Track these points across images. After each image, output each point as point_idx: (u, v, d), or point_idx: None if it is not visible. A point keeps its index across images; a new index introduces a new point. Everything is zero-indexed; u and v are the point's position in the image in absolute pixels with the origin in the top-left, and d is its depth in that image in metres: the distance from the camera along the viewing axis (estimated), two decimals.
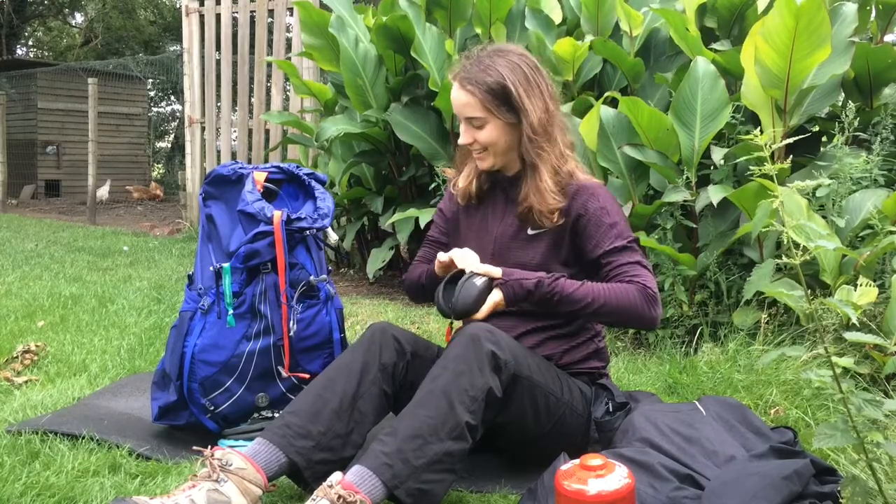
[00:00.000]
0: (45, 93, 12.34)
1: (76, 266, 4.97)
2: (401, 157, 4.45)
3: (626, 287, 1.73)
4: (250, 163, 5.71)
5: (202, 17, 6.93)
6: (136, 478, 1.72)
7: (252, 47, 6.76)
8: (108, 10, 17.49)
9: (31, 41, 19.59)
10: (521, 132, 1.78)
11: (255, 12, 6.75)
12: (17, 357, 2.66)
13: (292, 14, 6.69)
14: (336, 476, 1.46)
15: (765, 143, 1.37)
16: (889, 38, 3.35)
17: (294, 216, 1.97)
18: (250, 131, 6.83)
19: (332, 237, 2.09)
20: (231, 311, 1.92)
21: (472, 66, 1.80)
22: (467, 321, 1.74)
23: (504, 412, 1.65)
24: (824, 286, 2.59)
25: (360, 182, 4.68)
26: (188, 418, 1.98)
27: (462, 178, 1.94)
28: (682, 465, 1.61)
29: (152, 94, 17.14)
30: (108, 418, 2.06)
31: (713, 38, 3.42)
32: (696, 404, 1.92)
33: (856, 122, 2.82)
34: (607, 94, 3.18)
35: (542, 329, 1.83)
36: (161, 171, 16.09)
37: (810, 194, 2.71)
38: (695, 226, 3.02)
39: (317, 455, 1.59)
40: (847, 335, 1.32)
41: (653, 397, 2.18)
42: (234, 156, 7.31)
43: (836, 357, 1.29)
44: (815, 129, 3.20)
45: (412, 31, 3.95)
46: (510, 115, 1.78)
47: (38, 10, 18.13)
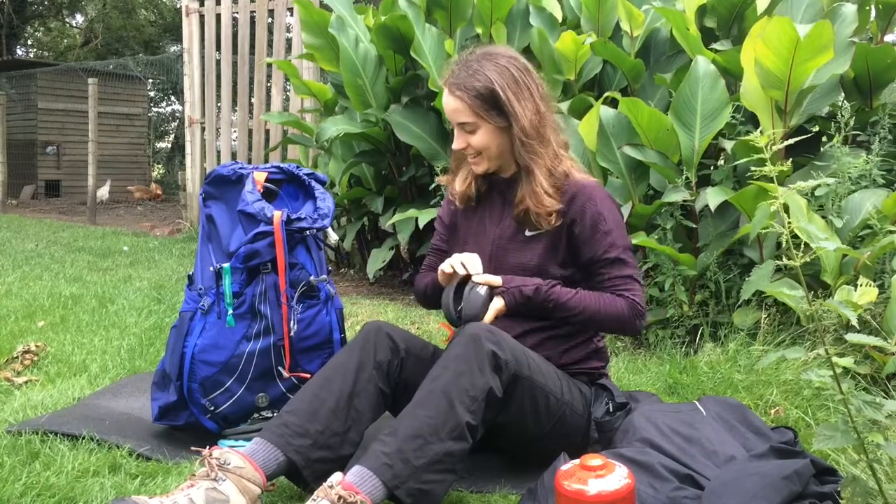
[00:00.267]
0: (45, 93, 12.34)
1: (76, 266, 4.97)
2: (401, 157, 4.45)
3: (617, 300, 1.79)
4: (250, 163, 5.72)
5: (202, 17, 6.93)
6: (136, 478, 1.72)
7: (252, 47, 6.76)
8: (108, 10, 17.49)
9: (30, 41, 19.59)
10: (513, 135, 1.79)
11: (255, 12, 6.76)
12: (17, 357, 2.66)
13: (292, 14, 6.69)
14: (336, 476, 1.46)
15: (765, 145, 1.37)
16: (889, 38, 3.35)
17: (294, 216, 1.97)
18: (250, 131, 6.83)
19: (332, 237, 2.09)
20: (231, 312, 1.92)
21: (460, 72, 1.80)
22: None
23: (504, 412, 1.65)
24: (824, 286, 2.59)
25: (360, 182, 4.68)
26: (188, 418, 1.98)
27: (459, 181, 1.94)
28: (682, 465, 1.61)
29: (152, 94, 17.13)
30: (108, 418, 2.06)
31: (713, 38, 3.42)
32: (696, 404, 1.92)
33: (852, 122, 2.82)
34: (607, 94, 3.17)
35: (541, 329, 1.83)
36: (161, 172, 16.08)
37: (809, 194, 2.71)
38: (695, 226, 3.02)
39: (315, 454, 1.59)
40: (847, 336, 1.32)
41: (653, 397, 2.18)
42: (234, 156, 7.31)
43: (836, 357, 1.29)
44: (815, 129, 3.20)
45: (412, 31, 3.95)
46: (500, 120, 1.78)
47: (38, 11, 18.13)
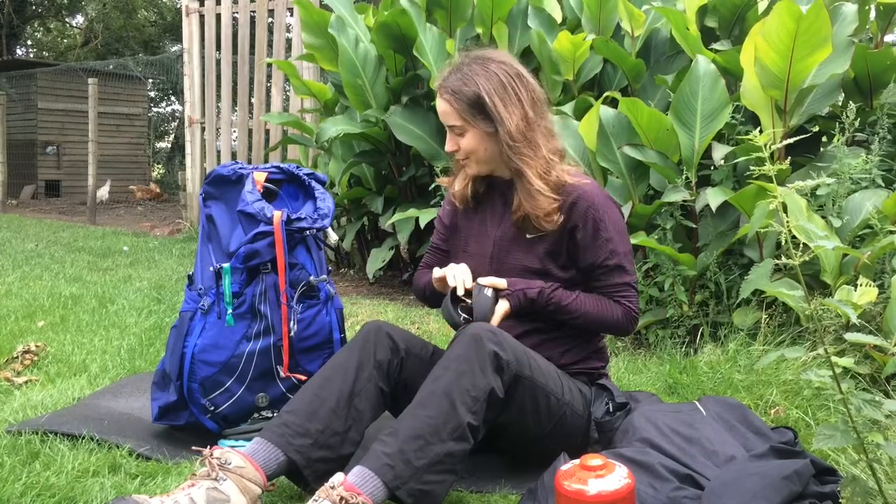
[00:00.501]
0: (45, 93, 12.34)
1: (76, 266, 4.97)
2: (401, 157, 4.44)
3: (614, 306, 1.84)
4: (250, 163, 5.72)
5: (202, 17, 6.93)
6: (136, 478, 1.72)
7: (252, 47, 6.76)
8: (108, 10, 17.49)
9: (30, 41, 19.59)
10: (500, 140, 1.79)
11: (255, 12, 6.76)
12: (17, 357, 2.66)
13: (292, 14, 6.69)
14: (338, 477, 1.46)
15: (764, 144, 1.37)
16: (889, 38, 3.35)
17: (294, 216, 1.97)
18: (250, 131, 6.83)
19: (332, 237, 2.09)
20: (230, 311, 1.92)
21: (451, 76, 1.81)
22: None
23: (505, 413, 1.65)
24: (824, 286, 2.59)
25: (360, 182, 4.68)
26: (188, 418, 1.98)
27: (458, 181, 1.95)
28: (682, 466, 1.61)
29: (152, 94, 17.13)
30: (108, 418, 2.06)
31: (714, 38, 3.42)
32: (696, 404, 1.92)
33: (856, 123, 2.82)
34: (607, 93, 3.17)
35: (541, 330, 1.83)
36: (161, 172, 16.07)
37: (809, 194, 2.71)
38: (695, 226, 3.02)
39: (315, 453, 1.59)
40: (847, 336, 1.32)
41: (653, 397, 2.18)
42: (234, 156, 7.31)
43: (836, 357, 1.29)
44: (816, 128, 3.20)
45: (412, 29, 3.94)
46: (487, 125, 1.79)
47: (38, 11, 18.13)
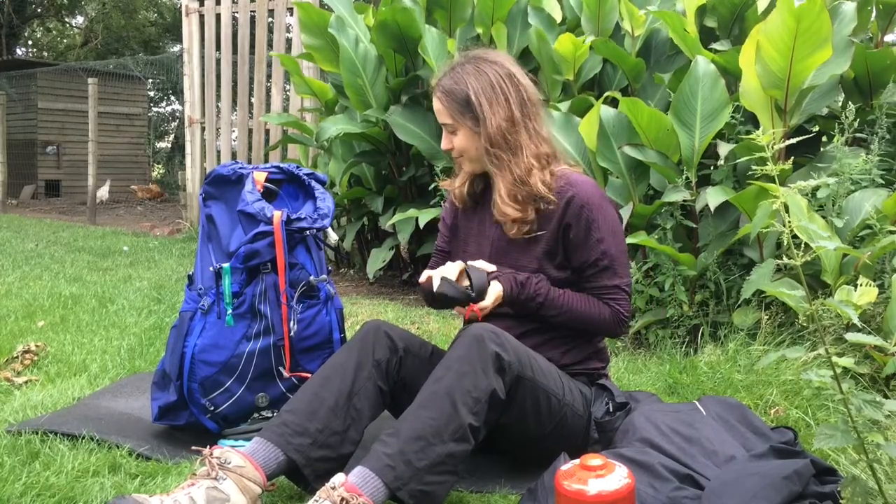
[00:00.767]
0: (45, 93, 12.35)
1: (76, 266, 4.97)
2: (401, 157, 4.44)
3: (602, 307, 1.82)
4: (250, 163, 5.71)
5: (202, 17, 6.94)
6: (136, 478, 1.72)
7: (252, 47, 6.76)
8: (109, 10, 17.49)
9: (30, 41, 19.59)
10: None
11: (255, 12, 6.76)
12: (17, 357, 2.66)
13: (292, 14, 6.68)
14: (339, 478, 1.46)
15: (767, 144, 1.36)
16: (889, 38, 3.35)
17: (294, 216, 1.97)
18: (250, 131, 6.83)
19: (332, 237, 2.09)
20: (230, 311, 1.92)
21: (446, 75, 1.84)
22: (473, 319, 1.74)
23: (506, 413, 1.65)
24: (824, 286, 2.59)
25: (360, 182, 4.68)
26: (188, 418, 1.98)
27: (458, 180, 1.96)
28: (682, 465, 1.61)
29: (152, 94, 17.14)
30: (108, 418, 2.06)
31: (713, 38, 3.42)
32: (696, 404, 1.92)
33: (856, 123, 2.81)
34: (607, 93, 3.17)
35: (541, 330, 1.83)
36: (161, 172, 16.07)
37: (810, 194, 2.71)
38: (695, 226, 3.02)
39: (315, 452, 1.59)
40: (847, 336, 1.32)
41: (653, 397, 2.18)
42: (234, 156, 7.31)
43: (836, 357, 1.29)
44: (815, 128, 3.20)
45: (412, 27, 3.93)
46: (474, 124, 1.80)
47: (38, 11, 18.13)
